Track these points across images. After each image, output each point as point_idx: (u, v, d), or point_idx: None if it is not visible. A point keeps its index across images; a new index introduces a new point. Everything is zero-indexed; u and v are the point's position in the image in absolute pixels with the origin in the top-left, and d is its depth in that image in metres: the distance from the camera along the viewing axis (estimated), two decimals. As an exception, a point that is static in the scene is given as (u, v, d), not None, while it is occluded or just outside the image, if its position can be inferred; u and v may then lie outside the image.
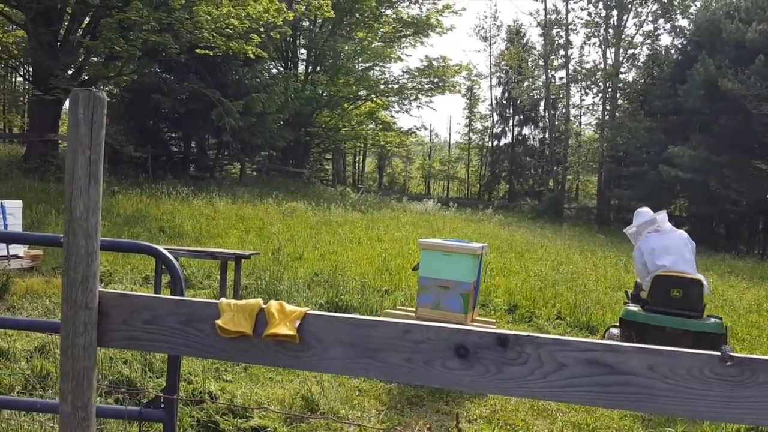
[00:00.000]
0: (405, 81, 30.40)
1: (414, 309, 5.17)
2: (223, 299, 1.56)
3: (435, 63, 29.56)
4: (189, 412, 3.66)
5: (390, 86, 30.29)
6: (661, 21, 32.71)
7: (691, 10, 31.39)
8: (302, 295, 6.61)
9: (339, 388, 4.28)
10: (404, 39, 29.91)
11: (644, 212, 5.63)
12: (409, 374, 1.45)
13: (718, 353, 1.27)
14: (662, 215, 5.54)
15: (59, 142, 15.92)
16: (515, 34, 38.85)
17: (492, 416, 4.05)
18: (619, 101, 33.17)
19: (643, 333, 4.98)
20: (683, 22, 32.04)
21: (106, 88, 21.06)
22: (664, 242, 5.23)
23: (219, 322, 1.51)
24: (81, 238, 1.55)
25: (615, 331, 5.35)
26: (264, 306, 1.53)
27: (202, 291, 6.83)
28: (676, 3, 32.01)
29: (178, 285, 2.05)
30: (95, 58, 16.40)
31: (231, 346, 1.54)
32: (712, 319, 5.08)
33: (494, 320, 5.53)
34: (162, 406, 2.14)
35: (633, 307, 5.20)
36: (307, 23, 27.55)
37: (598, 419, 4.04)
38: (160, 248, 2.04)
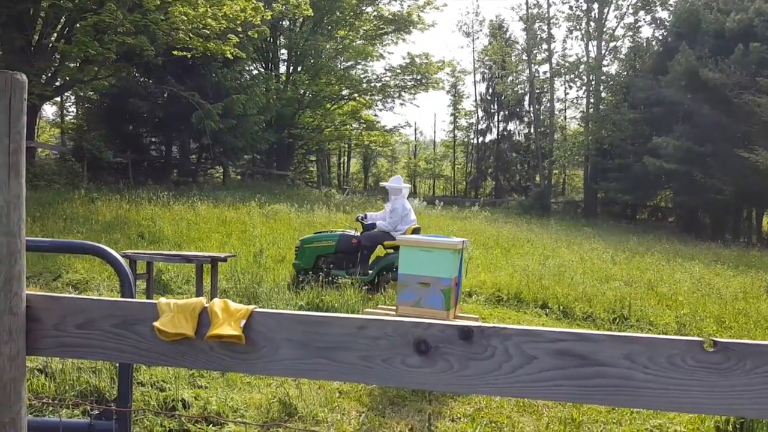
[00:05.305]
0: (387, 79, 30.26)
1: (395, 308, 5.04)
2: (162, 299, 1.42)
3: (417, 60, 29.45)
4: (160, 421, 3.51)
5: (372, 84, 30.12)
6: (641, 13, 32.92)
7: (671, 1, 31.56)
8: (282, 296, 6.46)
9: (318, 391, 4.14)
10: (386, 36, 29.74)
11: (400, 179, 7.86)
12: (366, 374, 1.31)
13: (701, 339, 1.15)
14: (408, 188, 7.88)
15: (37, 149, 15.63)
16: (498, 29, 38.89)
17: (476, 414, 3.93)
18: (603, 94, 33.27)
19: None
20: (663, 14, 32.29)
21: (87, 94, 20.79)
22: (408, 206, 7.76)
23: (156, 324, 1.36)
24: (1, 236, 1.41)
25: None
26: (207, 305, 1.39)
27: (181, 296, 6.66)
28: (655, -5, 32.17)
29: (126, 286, 1.90)
30: (70, 63, 16.09)
31: (172, 350, 1.39)
32: None
33: (477, 316, 5.41)
34: (114, 417, 1.99)
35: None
36: (287, 23, 27.30)
37: (584, 413, 3.92)
38: (105, 247, 1.90)
